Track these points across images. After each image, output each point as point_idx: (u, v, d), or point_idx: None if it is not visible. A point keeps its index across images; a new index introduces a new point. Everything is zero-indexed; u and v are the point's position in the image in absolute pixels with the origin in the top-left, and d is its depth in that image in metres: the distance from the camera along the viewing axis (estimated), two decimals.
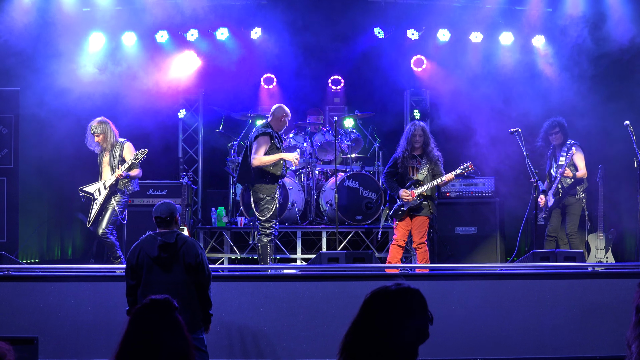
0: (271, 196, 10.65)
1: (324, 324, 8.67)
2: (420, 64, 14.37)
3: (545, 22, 13.76)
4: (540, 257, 9.68)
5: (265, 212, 10.61)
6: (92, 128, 10.76)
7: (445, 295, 8.78)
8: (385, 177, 10.88)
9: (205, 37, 14.11)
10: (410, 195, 10.51)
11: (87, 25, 13.45)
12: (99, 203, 10.72)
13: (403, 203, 10.58)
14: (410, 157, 10.71)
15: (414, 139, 10.69)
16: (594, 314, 8.77)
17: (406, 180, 10.66)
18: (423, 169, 10.69)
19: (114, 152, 10.81)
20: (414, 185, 10.60)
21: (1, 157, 12.25)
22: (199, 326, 7.13)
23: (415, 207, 10.59)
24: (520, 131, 10.83)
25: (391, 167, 10.83)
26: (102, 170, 10.88)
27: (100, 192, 10.76)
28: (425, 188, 10.59)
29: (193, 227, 13.23)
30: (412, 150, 10.73)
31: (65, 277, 9.06)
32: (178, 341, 4.17)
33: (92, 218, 10.74)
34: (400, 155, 10.73)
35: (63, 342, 8.60)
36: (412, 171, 10.70)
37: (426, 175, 10.67)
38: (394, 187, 10.70)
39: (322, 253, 9.70)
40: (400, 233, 10.68)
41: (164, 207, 7.22)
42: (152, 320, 4.18)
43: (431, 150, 10.76)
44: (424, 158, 10.74)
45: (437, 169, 10.73)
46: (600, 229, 12.10)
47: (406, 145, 10.71)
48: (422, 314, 3.79)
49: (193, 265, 7.05)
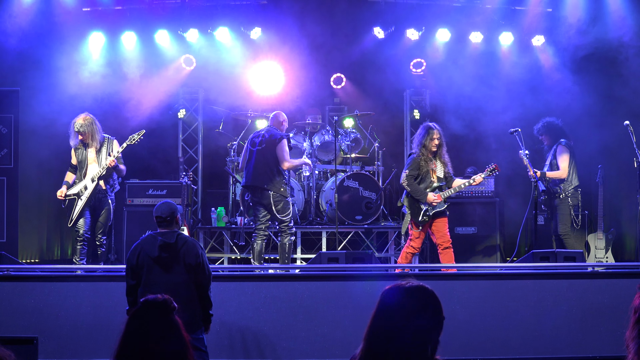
0: (288, 197, 10.96)
1: (324, 323, 8.68)
2: (420, 64, 14.34)
3: (545, 22, 13.76)
4: (540, 257, 9.66)
5: (286, 213, 10.82)
6: (77, 126, 10.66)
7: (445, 295, 8.74)
8: (409, 180, 10.51)
9: (205, 37, 14.08)
10: (437, 200, 10.39)
11: (87, 24, 13.46)
12: (84, 199, 10.67)
13: (429, 207, 10.44)
14: (429, 160, 10.55)
15: (432, 141, 10.49)
16: (594, 314, 8.77)
17: (428, 183, 10.49)
18: (439, 171, 10.58)
19: (102, 149, 10.78)
20: (438, 188, 10.47)
21: (1, 157, 12.23)
22: (199, 326, 7.12)
23: (440, 211, 10.48)
24: (520, 131, 10.81)
25: (414, 170, 10.52)
26: (86, 168, 10.79)
27: (87, 188, 10.72)
28: (452, 191, 10.50)
29: (193, 227, 13.22)
30: (430, 150, 10.55)
31: (65, 277, 9.07)
32: (176, 342, 4.15)
33: (75, 216, 10.67)
34: (421, 157, 10.52)
35: (63, 342, 8.59)
36: (432, 174, 10.55)
37: (442, 177, 10.60)
38: (419, 190, 10.42)
39: (322, 253, 9.70)
40: (419, 241, 10.53)
41: (165, 207, 7.20)
42: (150, 321, 4.17)
43: (445, 152, 10.66)
44: (437, 160, 10.63)
45: (448, 170, 10.67)
46: (600, 229, 12.09)
47: (424, 147, 10.51)
48: (437, 311, 3.89)
49: (193, 266, 7.04)
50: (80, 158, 10.82)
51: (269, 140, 10.93)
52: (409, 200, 10.57)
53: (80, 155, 10.82)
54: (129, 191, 12.90)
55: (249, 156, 11.07)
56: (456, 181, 10.62)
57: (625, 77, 12.63)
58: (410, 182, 10.49)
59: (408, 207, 10.58)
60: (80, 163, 10.82)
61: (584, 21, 12.83)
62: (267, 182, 10.83)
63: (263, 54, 14.31)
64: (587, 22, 12.80)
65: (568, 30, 13.00)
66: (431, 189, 10.44)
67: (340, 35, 14.29)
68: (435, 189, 10.44)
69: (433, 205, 10.38)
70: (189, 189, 12.69)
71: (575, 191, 11.69)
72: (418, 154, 10.55)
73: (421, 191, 10.40)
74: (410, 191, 10.51)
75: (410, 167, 10.56)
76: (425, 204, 10.41)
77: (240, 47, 14.23)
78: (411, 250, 10.53)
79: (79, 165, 10.84)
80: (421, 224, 10.45)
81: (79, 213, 10.68)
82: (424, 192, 10.39)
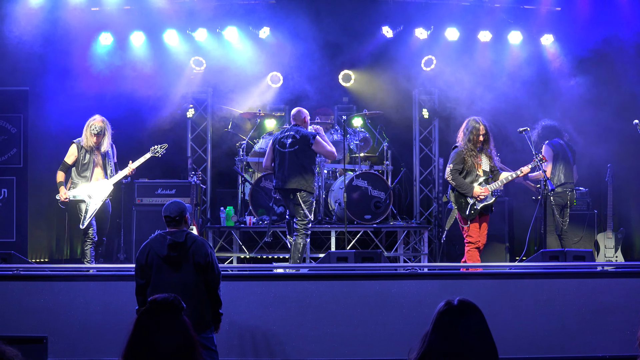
0: (314, 194, 11.09)
1: (333, 323, 8.65)
2: (429, 63, 14.32)
3: (554, 21, 13.72)
4: (549, 256, 9.61)
5: (311, 212, 10.91)
6: (96, 128, 10.61)
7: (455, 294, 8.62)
8: (453, 175, 10.19)
9: (213, 36, 14.08)
10: (485, 193, 10.18)
11: (95, 24, 13.45)
12: (98, 203, 10.63)
13: (476, 202, 10.20)
14: (474, 153, 10.24)
15: (478, 135, 10.19)
16: (603, 314, 8.71)
17: (474, 177, 10.23)
18: (485, 164, 10.30)
19: (108, 154, 10.78)
20: (485, 182, 10.21)
21: (10, 156, 12.27)
22: (208, 325, 7.10)
23: (488, 205, 10.28)
24: (529, 130, 10.76)
25: (458, 164, 10.21)
26: (92, 171, 10.73)
27: (96, 192, 10.69)
28: (499, 183, 10.25)
29: (202, 226, 13.21)
30: (475, 145, 10.25)
31: (74, 276, 9.04)
32: (184, 342, 4.15)
33: (87, 220, 10.61)
34: (465, 151, 10.23)
35: (72, 342, 8.57)
36: (478, 167, 10.27)
37: (488, 170, 10.33)
38: (464, 184, 10.14)
39: (331, 252, 9.64)
40: (477, 234, 10.22)
41: (174, 206, 7.19)
42: (158, 321, 4.17)
43: (492, 146, 10.40)
44: (483, 153, 10.33)
45: (494, 163, 10.38)
46: (610, 228, 12.06)
47: (470, 140, 10.20)
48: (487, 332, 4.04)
49: (202, 265, 7.02)
50: (86, 160, 10.73)
51: (301, 141, 10.89)
52: (455, 195, 10.30)
53: (85, 157, 10.72)
54: (138, 191, 12.92)
55: (279, 159, 11.00)
56: (502, 174, 10.33)
57: (635, 75, 12.60)
58: (455, 176, 10.19)
59: (454, 202, 10.30)
60: (83, 165, 10.71)
61: (594, 19, 12.79)
62: (303, 184, 10.83)
63: (272, 54, 14.29)
64: (597, 21, 12.76)
65: (577, 29, 12.97)
66: (477, 183, 10.19)
67: (348, 35, 14.26)
68: (481, 182, 10.19)
69: (480, 199, 10.15)
70: (198, 188, 12.69)
71: (562, 190, 11.66)
72: (462, 147, 10.26)
73: (467, 185, 10.14)
74: (455, 185, 10.21)
75: (454, 160, 10.27)
76: (472, 198, 10.17)
77: (249, 46, 14.22)
78: (471, 246, 10.22)
79: (81, 167, 10.71)
80: (469, 218, 10.20)
81: (91, 216, 10.66)
82: (470, 186, 10.13)
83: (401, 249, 13.36)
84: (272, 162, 11.14)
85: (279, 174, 10.99)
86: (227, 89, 14.25)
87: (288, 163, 10.89)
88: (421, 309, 8.51)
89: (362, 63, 14.82)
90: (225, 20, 13.89)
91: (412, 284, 8.73)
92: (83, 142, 10.72)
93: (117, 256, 12.94)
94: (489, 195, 10.18)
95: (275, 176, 11.08)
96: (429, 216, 14.43)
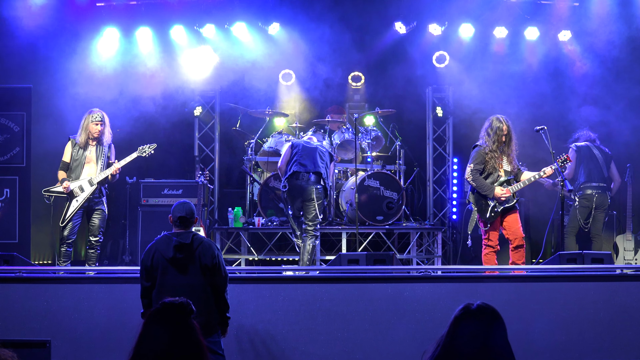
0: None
1: (344, 327, 8.50)
2: (442, 59, 14.16)
3: (571, 17, 13.61)
4: (566, 258, 9.43)
5: (321, 213, 10.98)
6: (98, 116, 10.45)
7: (469, 298, 8.43)
8: (474, 175, 9.95)
9: (222, 32, 13.95)
10: (506, 194, 9.88)
11: (100, 20, 13.41)
12: (79, 201, 10.46)
13: (497, 203, 9.94)
14: (495, 153, 9.97)
15: (501, 134, 9.94)
16: (622, 318, 8.52)
17: (495, 177, 9.98)
18: (506, 164, 10.03)
19: (103, 150, 10.56)
20: (506, 182, 9.96)
21: (13, 155, 12.15)
22: (215, 329, 7.04)
23: (510, 207, 10.00)
24: (547, 129, 10.50)
25: (479, 164, 9.97)
26: (82, 167, 10.55)
27: (83, 189, 10.49)
28: (522, 184, 9.99)
29: (209, 227, 13.09)
30: (498, 145, 9.98)
31: (78, 278, 8.96)
32: (192, 346, 4.12)
33: (69, 216, 10.44)
34: (487, 150, 9.98)
35: (76, 345, 8.45)
36: (499, 167, 10.01)
37: (510, 171, 10.06)
38: (485, 185, 9.90)
39: (341, 254, 9.52)
40: (496, 237, 10.01)
41: (181, 207, 7.11)
42: (167, 325, 4.14)
43: (514, 145, 10.10)
44: (504, 153, 10.05)
45: (516, 163, 10.11)
46: (629, 230, 12.00)
47: (492, 139, 9.94)
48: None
49: (209, 267, 6.94)
50: (77, 156, 10.55)
51: (327, 153, 11.36)
52: (475, 196, 10.08)
53: (77, 153, 10.55)
54: (143, 191, 12.83)
55: (305, 152, 11.15)
56: (525, 174, 10.11)
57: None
58: (475, 176, 9.95)
59: (474, 204, 10.12)
60: (75, 161, 10.55)
61: (612, 15, 12.65)
62: (323, 179, 11.02)
63: (281, 50, 14.11)
64: (616, 16, 12.62)
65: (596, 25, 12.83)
66: (498, 184, 9.96)
67: (360, 31, 14.23)
68: (502, 183, 9.96)
69: (501, 200, 9.89)
70: (205, 188, 12.61)
71: (590, 193, 11.59)
72: (483, 147, 10.02)
73: (488, 186, 9.90)
74: (475, 186, 9.97)
75: (474, 160, 10.02)
76: (493, 200, 9.93)
77: (258, 42, 14.06)
78: (489, 250, 10.03)
79: (72, 163, 10.57)
80: (489, 220, 9.97)
81: (72, 214, 10.47)
82: (490, 187, 9.89)
83: (414, 251, 13.25)
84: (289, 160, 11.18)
85: (305, 161, 11.01)
86: (235, 87, 14.11)
87: (317, 157, 11.04)
88: (434, 313, 8.37)
89: (375, 60, 14.78)
90: (233, 15, 13.84)
91: (425, 287, 8.58)
92: (78, 138, 10.57)
93: (122, 258, 12.86)
94: (511, 197, 9.94)
95: (299, 163, 11.04)
96: (443, 217, 14.27)
